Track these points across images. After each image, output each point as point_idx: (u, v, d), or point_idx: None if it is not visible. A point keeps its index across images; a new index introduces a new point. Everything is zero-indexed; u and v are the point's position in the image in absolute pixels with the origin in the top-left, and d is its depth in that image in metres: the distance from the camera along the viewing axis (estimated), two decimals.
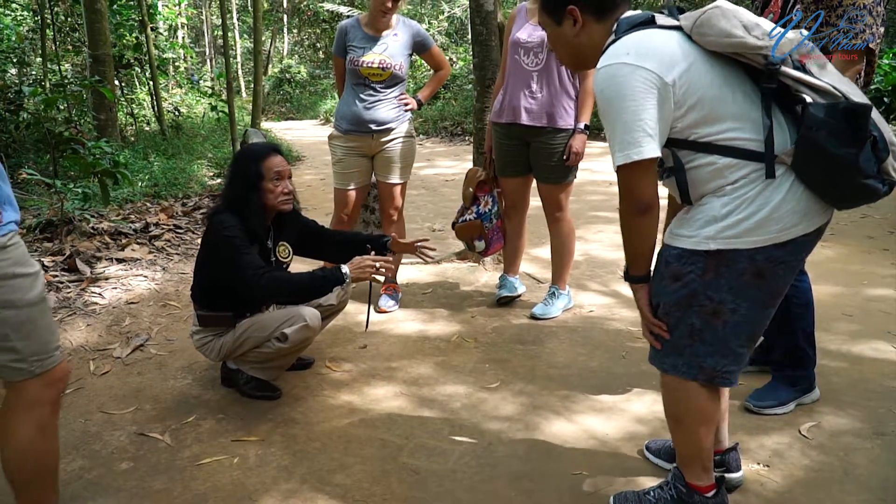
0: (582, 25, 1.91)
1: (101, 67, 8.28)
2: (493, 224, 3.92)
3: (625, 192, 1.83)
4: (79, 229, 5.19)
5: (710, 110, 1.75)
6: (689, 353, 1.92)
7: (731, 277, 1.81)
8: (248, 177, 2.86)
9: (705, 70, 1.76)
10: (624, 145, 1.74)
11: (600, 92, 1.78)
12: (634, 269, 1.97)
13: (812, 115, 1.66)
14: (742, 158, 1.75)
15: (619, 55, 1.76)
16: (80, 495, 2.35)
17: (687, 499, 2.06)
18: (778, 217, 1.75)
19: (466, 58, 17.27)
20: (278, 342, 2.89)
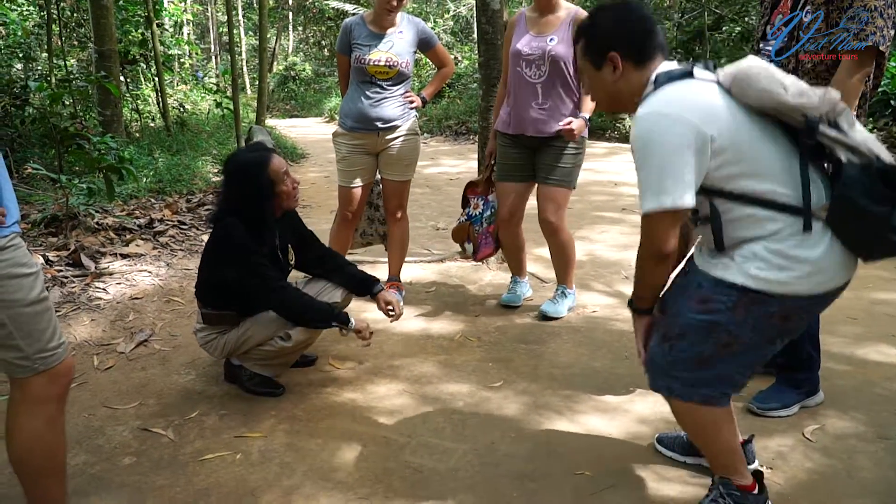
0: (622, 72, 1.95)
1: (107, 63, 8.28)
2: (484, 228, 3.90)
3: (648, 239, 1.88)
4: (83, 224, 5.20)
5: (750, 164, 1.79)
6: (689, 377, 1.95)
7: (758, 317, 1.85)
8: (263, 189, 2.83)
9: (744, 124, 1.80)
10: (658, 192, 1.78)
11: (639, 139, 1.81)
12: (641, 303, 2.05)
13: (849, 174, 1.73)
14: (780, 212, 1.80)
15: (660, 105, 1.80)
16: (84, 490, 2.35)
17: (743, 501, 2.06)
18: (819, 270, 1.80)
19: (472, 56, 17.25)
20: (282, 341, 2.90)
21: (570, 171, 3.66)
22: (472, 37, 19.80)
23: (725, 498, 2.08)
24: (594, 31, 2.00)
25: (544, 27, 3.57)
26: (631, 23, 1.96)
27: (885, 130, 8.30)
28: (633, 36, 1.95)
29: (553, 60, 3.49)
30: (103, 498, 2.31)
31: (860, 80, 2.45)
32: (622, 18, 1.96)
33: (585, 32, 2.02)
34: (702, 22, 13.24)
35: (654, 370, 2.03)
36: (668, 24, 14.88)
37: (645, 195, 1.81)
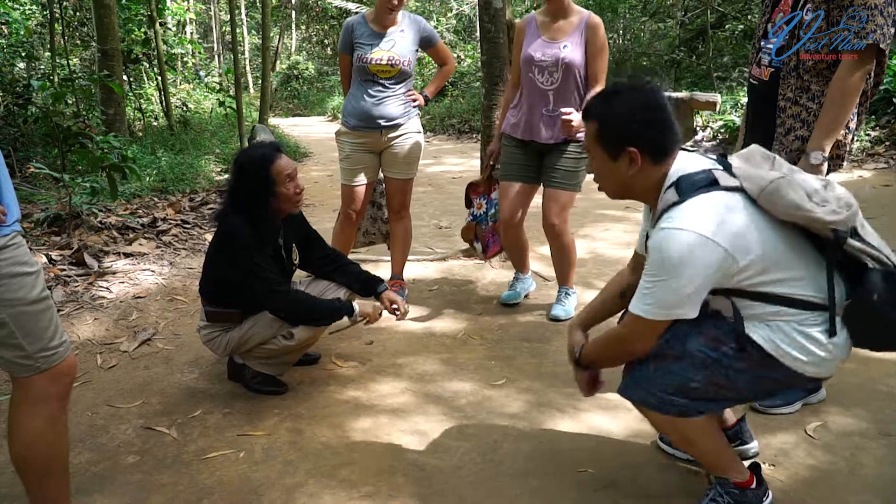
0: (640, 167, 1.91)
1: (110, 62, 8.30)
2: (489, 227, 3.91)
3: (631, 337, 1.95)
4: (87, 223, 5.21)
5: (776, 273, 1.82)
6: (664, 397, 1.95)
7: (759, 375, 1.89)
8: (261, 184, 2.83)
9: (771, 238, 1.82)
10: (667, 306, 1.82)
11: (664, 251, 1.78)
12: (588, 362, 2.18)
13: (872, 280, 1.78)
14: (804, 309, 1.84)
15: (693, 224, 1.77)
16: (87, 488, 2.36)
17: (742, 498, 2.07)
18: (834, 358, 1.87)
19: (474, 55, 17.24)
20: (285, 339, 2.90)
21: (576, 173, 3.64)
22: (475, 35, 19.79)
23: (724, 496, 2.08)
24: (612, 121, 1.92)
25: (557, 33, 3.54)
26: (653, 118, 1.89)
27: (886, 129, 8.28)
28: (655, 132, 1.89)
29: (566, 68, 3.48)
30: (107, 496, 2.32)
31: (861, 78, 2.45)
32: (644, 112, 1.89)
33: (601, 118, 1.94)
34: (704, 20, 13.21)
35: (629, 383, 2.04)
36: (671, 21, 14.87)
37: (650, 302, 1.83)
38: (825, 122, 2.49)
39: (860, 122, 2.67)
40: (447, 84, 16.10)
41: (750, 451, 2.34)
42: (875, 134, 8.40)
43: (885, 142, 8.13)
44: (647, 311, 1.84)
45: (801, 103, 2.58)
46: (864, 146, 8.26)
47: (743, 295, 1.85)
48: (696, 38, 13.98)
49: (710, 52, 12.70)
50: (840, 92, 2.45)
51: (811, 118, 2.55)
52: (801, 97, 2.58)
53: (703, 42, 13.45)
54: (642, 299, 1.85)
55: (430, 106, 14.90)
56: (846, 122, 2.51)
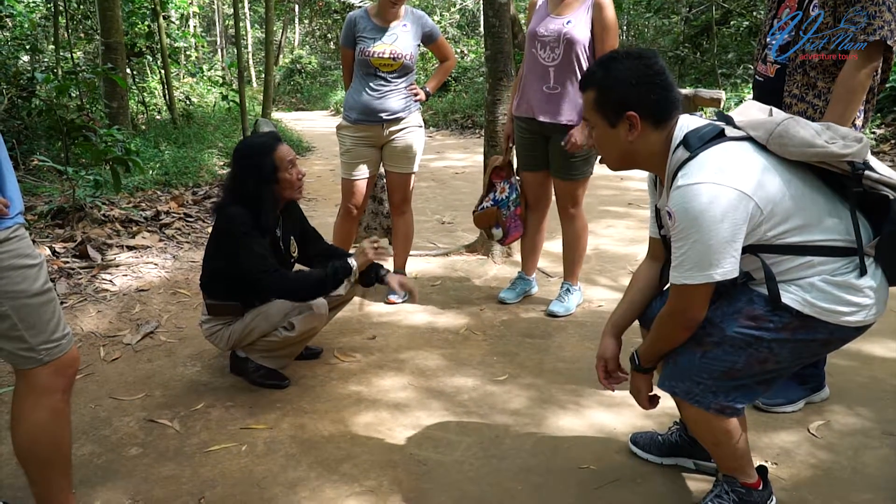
0: (640, 132, 1.89)
1: (113, 55, 8.29)
2: (511, 211, 3.88)
3: (684, 308, 1.86)
4: (90, 216, 5.22)
5: (798, 219, 1.79)
6: (711, 384, 1.91)
7: (802, 341, 1.86)
8: (264, 172, 2.84)
9: (789, 182, 1.79)
10: (708, 266, 1.74)
11: (688, 208, 1.73)
12: (648, 363, 2.07)
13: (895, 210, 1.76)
14: (833, 255, 1.81)
15: (710, 175, 1.74)
16: (90, 480, 2.36)
17: (748, 497, 2.06)
18: (871, 303, 1.84)
19: (478, 50, 17.23)
20: (286, 331, 2.90)
21: (582, 164, 3.65)
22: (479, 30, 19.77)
23: (729, 494, 2.07)
24: (610, 86, 1.89)
25: (563, 9, 3.52)
26: (651, 80, 1.86)
27: (892, 126, 8.26)
28: (654, 95, 1.86)
29: (568, 42, 3.45)
30: (109, 488, 2.32)
31: (867, 74, 2.44)
32: (641, 75, 1.85)
33: (599, 85, 1.91)
34: (709, 16, 13.17)
35: (675, 373, 1.97)
36: (676, 18, 14.83)
37: (689, 267, 1.76)
38: (831, 120, 2.48)
39: (867, 119, 2.66)
40: (450, 79, 16.09)
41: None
42: (881, 132, 8.38)
43: (891, 140, 8.10)
44: (689, 276, 1.77)
45: (807, 100, 2.56)
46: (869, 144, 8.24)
47: (770, 250, 1.81)
48: (701, 35, 13.93)
49: (715, 49, 12.65)
50: (846, 89, 2.44)
51: (817, 115, 2.54)
52: (808, 94, 2.57)
53: (707, 38, 13.40)
54: (680, 268, 1.79)
55: (433, 101, 14.90)
56: (853, 119, 2.50)
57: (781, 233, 1.79)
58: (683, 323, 1.88)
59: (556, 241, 4.16)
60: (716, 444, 2.04)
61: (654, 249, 2.23)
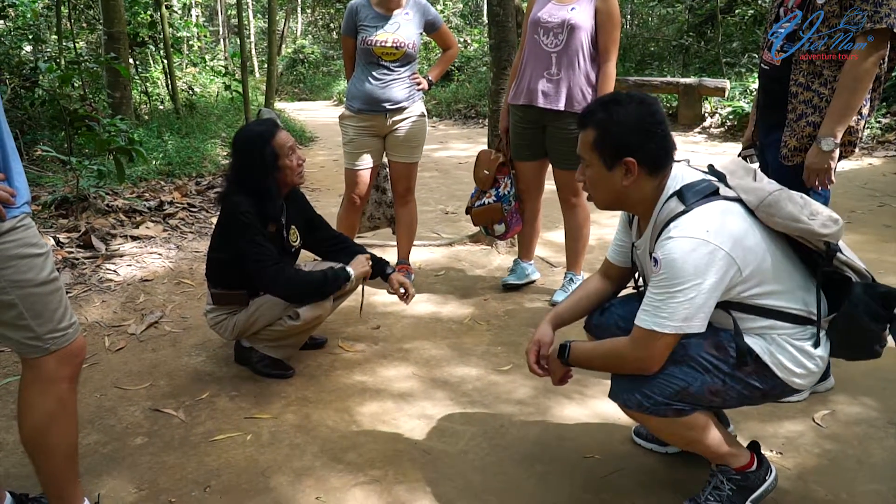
0: (635, 178, 1.91)
1: (116, 45, 8.27)
2: (512, 206, 3.87)
3: (641, 355, 1.88)
4: (94, 206, 5.22)
5: (772, 284, 1.87)
6: (662, 400, 1.92)
7: (751, 386, 1.93)
8: (266, 160, 2.84)
9: (768, 247, 1.87)
10: (680, 318, 1.79)
11: (673, 262, 1.78)
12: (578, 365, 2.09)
13: (856, 293, 1.85)
14: (795, 323, 1.91)
15: (703, 232, 1.79)
16: (96, 469, 2.37)
17: (744, 482, 2.07)
18: (817, 371, 1.95)
19: (481, 39, 17.16)
20: (290, 320, 2.90)
21: None
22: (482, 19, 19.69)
23: (726, 484, 2.07)
24: (611, 130, 1.90)
25: None
26: (653, 129, 1.89)
27: None
28: (653, 143, 1.89)
29: (571, 29, 3.45)
30: (115, 477, 2.33)
31: (874, 63, 2.42)
32: (643, 122, 1.88)
33: (600, 127, 1.92)
34: (714, 4, 13.09)
35: (625, 386, 1.98)
36: (680, 6, 14.75)
37: (663, 315, 1.80)
38: (837, 108, 2.46)
39: (873, 108, 2.64)
40: (453, 69, 16.05)
41: None
42: (886, 121, 8.34)
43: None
44: (660, 324, 1.81)
45: (813, 88, 2.54)
46: (874, 133, 8.20)
47: (740, 308, 1.89)
48: (706, 23, 13.86)
49: (720, 38, 12.60)
50: (853, 77, 2.43)
51: (823, 104, 2.52)
52: (813, 83, 2.55)
53: (712, 27, 13.33)
54: (651, 313, 1.83)
55: (435, 90, 14.88)
56: (859, 107, 2.48)
57: (753, 295, 1.87)
58: (637, 367, 1.91)
59: (559, 231, 4.15)
60: (690, 444, 2.05)
61: (608, 270, 2.33)
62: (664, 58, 13.86)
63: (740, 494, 2.06)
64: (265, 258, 2.79)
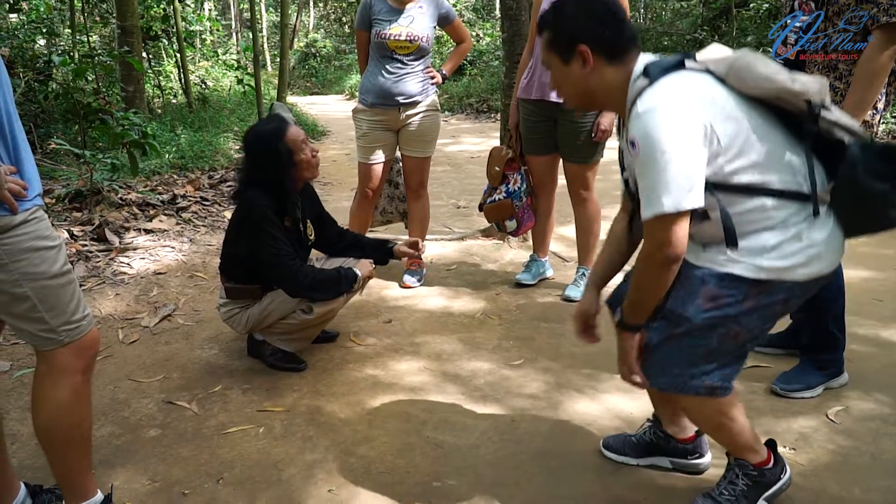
0: (593, 67, 1.87)
1: (129, 39, 8.31)
2: (524, 202, 3.87)
3: (660, 243, 1.74)
4: (107, 200, 5.24)
5: (755, 155, 1.75)
6: (694, 371, 1.89)
7: (765, 305, 1.83)
8: (281, 157, 2.84)
9: (746, 114, 1.75)
10: (672, 193, 1.68)
11: (646, 136, 1.70)
12: (637, 318, 1.92)
13: (852, 153, 1.72)
14: (787, 199, 1.77)
15: (664, 99, 1.71)
16: (109, 461, 2.39)
17: (760, 478, 2.05)
18: (824, 253, 1.79)
19: (493, 34, 17.12)
20: (304, 314, 2.91)
21: (592, 147, 3.64)
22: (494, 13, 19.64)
23: (742, 479, 2.06)
24: (560, 23, 1.89)
25: None
26: (599, 14, 1.86)
27: None
28: (603, 28, 1.85)
29: None
30: (129, 469, 2.35)
31: (889, 57, 2.39)
32: (591, 11, 1.86)
33: (550, 24, 1.91)
34: None
35: (655, 370, 1.95)
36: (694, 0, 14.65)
37: (657, 196, 1.69)
38: (852, 103, 2.44)
39: (888, 102, 2.61)
40: (466, 63, 16.02)
41: (701, 466, 2.29)
42: None
43: None
44: (659, 205, 1.69)
45: None
46: (889, 128, 8.13)
47: (726, 189, 1.76)
48: (720, 17, 13.76)
49: (734, 32, 12.50)
50: (867, 71, 2.40)
51: (838, 98, 2.50)
52: (829, 76, 2.53)
53: (726, 21, 13.24)
54: (648, 200, 1.72)
55: (448, 85, 14.86)
56: (873, 102, 2.46)
57: (737, 169, 1.74)
58: (661, 261, 1.75)
59: (571, 226, 4.14)
60: (716, 429, 2.02)
61: (624, 203, 2.21)
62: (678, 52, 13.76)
63: (755, 490, 2.05)
64: (282, 254, 2.80)
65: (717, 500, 2.07)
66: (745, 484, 2.06)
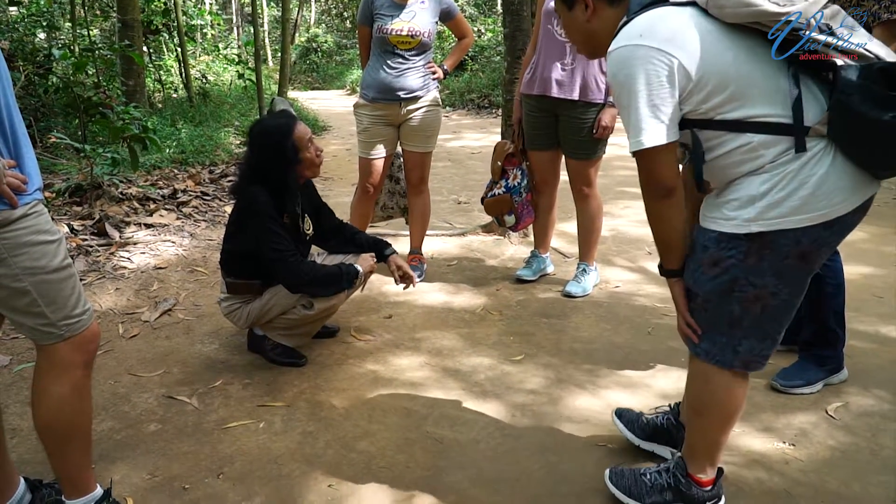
0: (594, 10, 1.87)
1: (130, 33, 8.29)
2: (523, 198, 3.86)
3: (645, 177, 1.80)
4: (108, 194, 5.24)
5: (737, 88, 1.66)
6: (725, 341, 1.86)
7: (774, 261, 1.73)
8: (287, 153, 2.85)
9: (727, 46, 1.67)
10: (638, 131, 1.70)
11: (613, 76, 1.73)
12: (667, 261, 1.91)
13: (844, 78, 1.57)
14: (777, 134, 1.65)
15: (631, 36, 1.70)
16: (110, 455, 2.39)
17: (685, 489, 2.02)
18: (823, 193, 1.64)
19: (495, 29, 17.08)
20: (304, 309, 2.91)
21: (594, 143, 3.63)
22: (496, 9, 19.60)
23: (671, 477, 2.05)
24: None
25: None
26: None
27: None
28: None
29: None
30: (129, 463, 2.35)
31: None
32: None
33: None
34: None
35: (691, 343, 1.94)
36: None
37: (633, 134, 1.71)
38: None
39: None
40: (467, 58, 15.97)
41: None
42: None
43: None
44: (632, 144, 1.72)
45: None
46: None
47: (708, 126, 1.71)
48: None
49: None
50: None
51: None
52: None
53: None
54: (629, 136, 1.73)
55: (449, 80, 14.83)
56: None
57: (718, 105, 1.67)
58: (652, 193, 1.81)
59: (572, 223, 4.14)
60: (699, 412, 1.98)
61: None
62: None
63: (671, 493, 2.04)
64: (283, 250, 2.81)
65: (637, 480, 2.08)
66: (668, 482, 2.05)
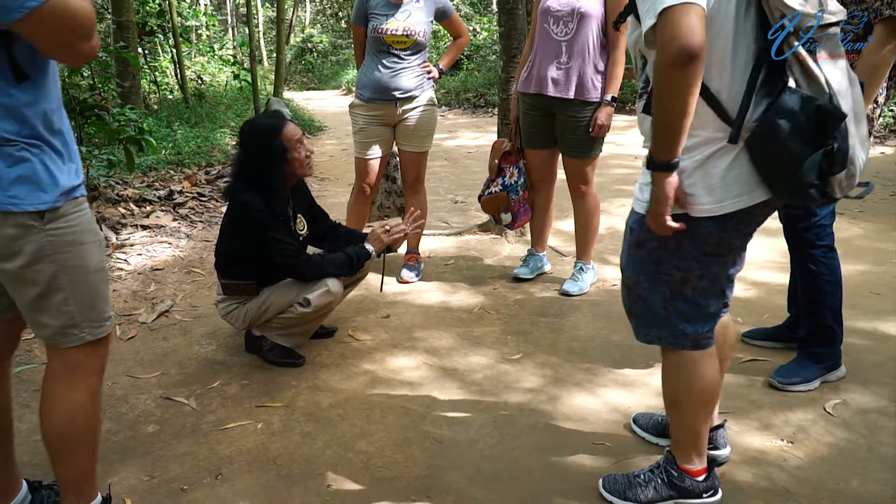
0: None
1: (125, 34, 8.27)
2: (520, 196, 3.87)
3: (666, 39, 1.49)
4: (104, 196, 5.23)
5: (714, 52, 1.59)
6: (668, 323, 1.89)
7: (692, 246, 1.76)
8: (275, 153, 2.85)
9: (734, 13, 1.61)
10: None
11: None
12: (661, 151, 1.66)
13: (786, 101, 1.56)
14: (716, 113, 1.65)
15: None
16: (108, 457, 2.38)
17: (678, 482, 2.04)
18: (726, 185, 1.68)
19: (490, 28, 17.09)
20: (301, 307, 2.91)
21: (591, 141, 3.64)
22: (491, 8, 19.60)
23: (662, 473, 2.07)
24: None
25: None
26: None
27: None
28: None
29: (581, 17, 3.45)
30: (127, 465, 2.35)
31: (891, 51, 2.38)
32: None
33: None
34: None
35: (641, 324, 1.97)
36: None
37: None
38: None
39: (889, 96, 2.62)
40: (462, 57, 15.99)
41: (719, 458, 2.25)
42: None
43: None
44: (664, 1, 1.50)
45: None
46: (887, 122, 8.14)
47: None
48: None
49: None
50: (869, 65, 2.40)
51: None
52: None
53: None
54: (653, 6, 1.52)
55: (444, 80, 14.82)
56: (874, 96, 2.46)
57: None
58: (674, 57, 1.49)
59: (569, 221, 4.14)
60: (675, 404, 2.01)
61: None
62: None
63: (667, 489, 2.06)
64: (290, 254, 2.85)
65: (630, 482, 2.09)
66: (662, 480, 2.07)
